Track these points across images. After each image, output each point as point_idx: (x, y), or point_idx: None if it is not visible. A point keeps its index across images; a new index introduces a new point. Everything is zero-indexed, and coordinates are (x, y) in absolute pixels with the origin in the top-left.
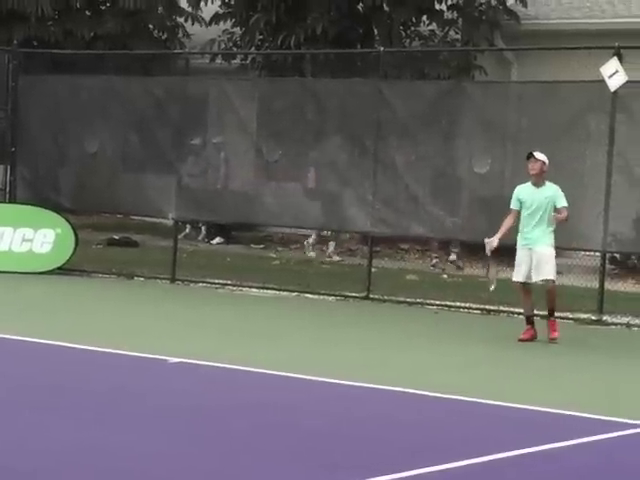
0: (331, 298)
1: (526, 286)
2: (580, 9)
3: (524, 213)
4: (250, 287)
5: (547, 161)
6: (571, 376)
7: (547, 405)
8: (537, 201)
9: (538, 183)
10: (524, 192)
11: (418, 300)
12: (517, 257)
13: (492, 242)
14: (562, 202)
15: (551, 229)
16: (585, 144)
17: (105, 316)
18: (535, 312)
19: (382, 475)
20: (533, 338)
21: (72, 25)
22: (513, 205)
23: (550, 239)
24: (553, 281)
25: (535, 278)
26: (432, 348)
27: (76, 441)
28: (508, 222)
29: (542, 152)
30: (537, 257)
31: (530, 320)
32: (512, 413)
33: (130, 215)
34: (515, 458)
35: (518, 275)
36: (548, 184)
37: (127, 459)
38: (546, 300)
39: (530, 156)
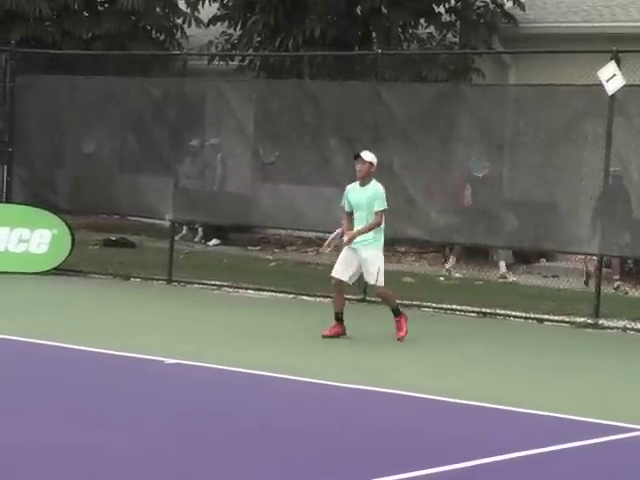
0: (327, 300)
1: (342, 284)
2: (578, 13)
3: (354, 212)
4: (246, 289)
5: (375, 161)
6: (566, 380)
7: (541, 408)
8: (360, 200)
9: (363, 183)
10: (351, 191)
11: (415, 302)
12: (341, 254)
13: (336, 240)
14: (378, 205)
15: (378, 229)
16: (583, 148)
17: (101, 317)
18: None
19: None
20: (338, 335)
21: (70, 25)
22: (344, 205)
23: (374, 239)
24: (379, 286)
25: (366, 279)
26: (429, 351)
27: (69, 442)
28: (345, 223)
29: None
30: (362, 260)
31: (339, 317)
32: (505, 416)
33: (127, 216)
34: (506, 462)
35: (336, 272)
36: (372, 183)
37: (121, 459)
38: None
39: (357, 157)
